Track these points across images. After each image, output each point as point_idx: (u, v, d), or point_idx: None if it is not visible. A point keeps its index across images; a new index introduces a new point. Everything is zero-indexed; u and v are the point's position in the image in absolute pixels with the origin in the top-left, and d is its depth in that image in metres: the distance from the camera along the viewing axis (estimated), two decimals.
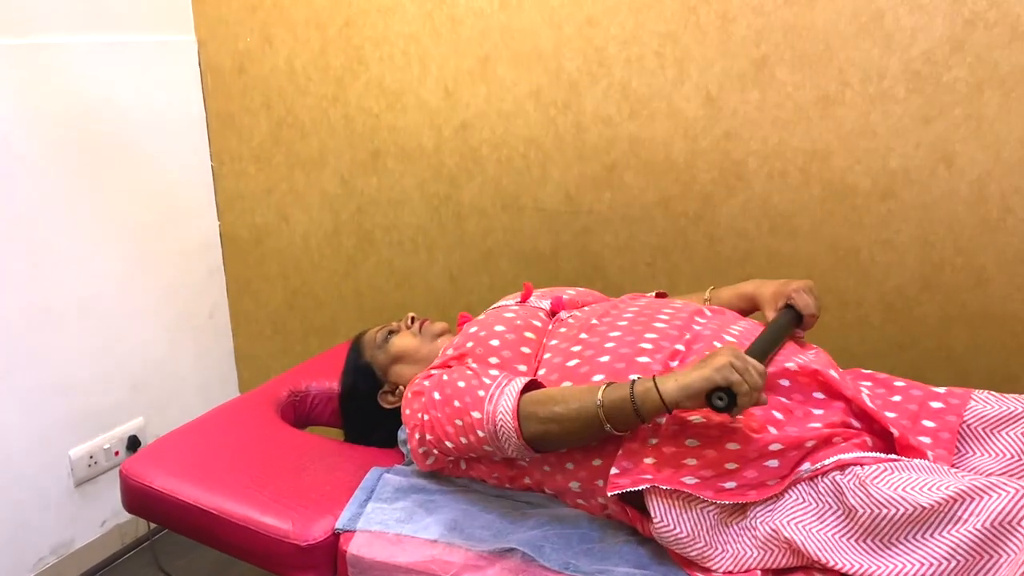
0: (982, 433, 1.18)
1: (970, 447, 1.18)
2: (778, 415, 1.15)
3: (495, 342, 1.32)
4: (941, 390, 1.25)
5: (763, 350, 1.19)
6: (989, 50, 1.54)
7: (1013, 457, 1.14)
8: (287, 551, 1.27)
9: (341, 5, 2.03)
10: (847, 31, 1.63)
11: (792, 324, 1.33)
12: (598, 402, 1.11)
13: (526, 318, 1.41)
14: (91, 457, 2.10)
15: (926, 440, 1.18)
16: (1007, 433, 1.16)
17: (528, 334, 1.36)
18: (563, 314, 1.44)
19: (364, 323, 2.02)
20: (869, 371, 1.32)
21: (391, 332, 1.58)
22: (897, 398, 1.24)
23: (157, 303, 2.25)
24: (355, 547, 1.24)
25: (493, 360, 1.29)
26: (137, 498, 1.41)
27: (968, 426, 1.19)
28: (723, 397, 1.04)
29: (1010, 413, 1.17)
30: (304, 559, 1.27)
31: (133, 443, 2.19)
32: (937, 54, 1.58)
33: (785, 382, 1.20)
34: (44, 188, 1.92)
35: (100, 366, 2.12)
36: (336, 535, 1.28)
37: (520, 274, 2.04)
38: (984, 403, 1.20)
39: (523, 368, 1.30)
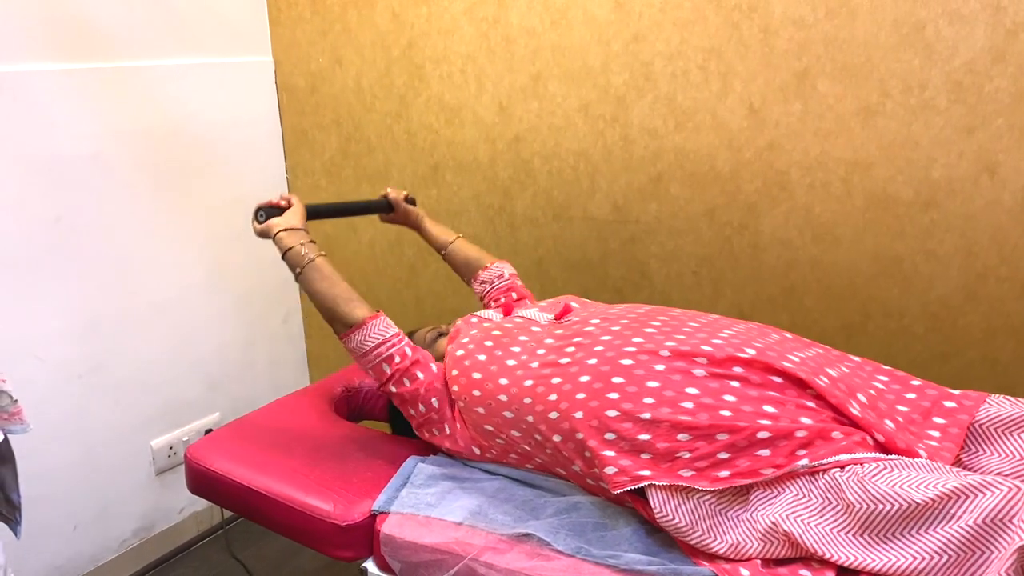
0: (994, 434, 1.19)
1: (981, 447, 1.19)
2: (770, 408, 1.19)
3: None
4: (956, 392, 1.26)
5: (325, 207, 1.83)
6: None
7: (1022, 459, 1.14)
8: (328, 530, 1.37)
9: (404, 27, 2.15)
10: (888, 43, 1.65)
11: (374, 204, 1.89)
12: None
13: (508, 329, 1.51)
14: (171, 448, 2.26)
15: (935, 434, 1.20)
16: (1020, 435, 1.16)
17: (495, 332, 1.49)
18: (571, 316, 1.50)
19: None
20: (888, 368, 1.34)
21: (440, 334, 1.68)
22: (911, 395, 1.26)
23: (235, 307, 2.41)
24: (388, 527, 1.33)
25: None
26: (198, 479, 1.54)
27: (980, 426, 1.20)
28: (261, 215, 1.60)
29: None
30: (343, 537, 1.36)
31: None
32: (979, 64, 1.58)
33: (778, 379, 1.24)
34: (133, 199, 2.10)
35: (181, 365, 2.28)
36: (372, 516, 1.37)
37: (570, 281, 2.11)
38: (999, 406, 1.21)
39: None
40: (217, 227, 2.31)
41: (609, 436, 1.23)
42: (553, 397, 1.30)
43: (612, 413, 1.24)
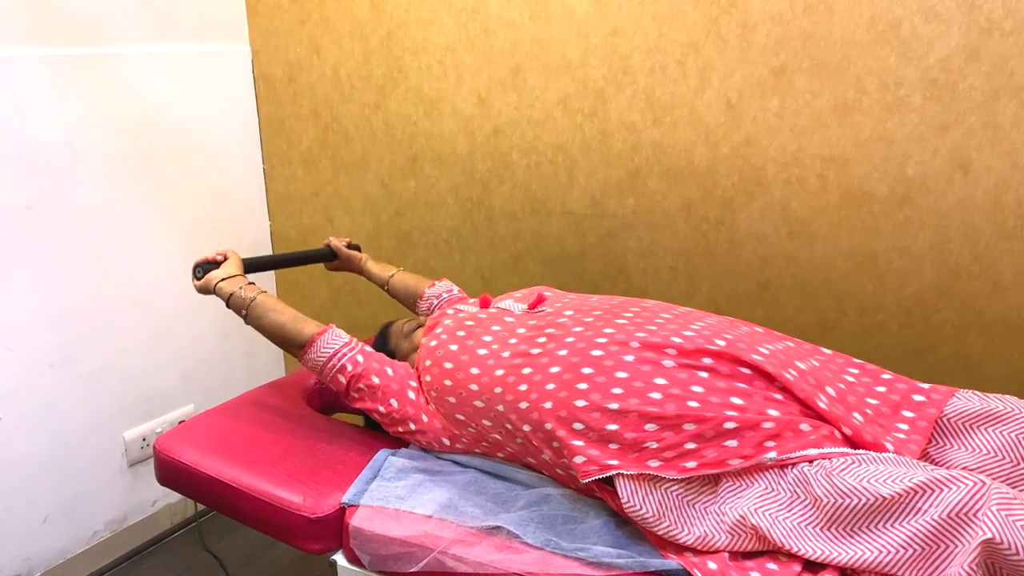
0: (962, 428, 1.19)
1: (949, 441, 1.20)
2: (737, 400, 1.20)
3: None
4: (925, 386, 1.27)
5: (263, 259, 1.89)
6: (1005, 59, 1.55)
7: (989, 453, 1.15)
8: (297, 522, 1.36)
9: (383, 18, 2.14)
10: (864, 40, 1.65)
11: (316, 254, 1.98)
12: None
13: (481, 320, 1.51)
14: (143, 439, 2.24)
15: (903, 427, 1.20)
16: (986, 430, 1.17)
17: (468, 322, 1.50)
18: (544, 306, 1.50)
19: None
20: (860, 361, 1.35)
21: (419, 324, 1.68)
22: (881, 388, 1.27)
23: (210, 298, 2.37)
24: (357, 520, 1.32)
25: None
26: (167, 470, 1.52)
27: (948, 420, 1.21)
28: (199, 271, 1.65)
29: (991, 411, 1.18)
30: (312, 530, 1.35)
31: None
32: (953, 62, 1.59)
33: (747, 371, 1.24)
34: (107, 188, 2.07)
35: (155, 355, 2.26)
36: (342, 509, 1.36)
37: (547, 275, 2.11)
38: (967, 400, 1.22)
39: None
40: (192, 217, 2.29)
41: (577, 426, 1.23)
42: (523, 387, 1.30)
43: (581, 403, 1.24)
